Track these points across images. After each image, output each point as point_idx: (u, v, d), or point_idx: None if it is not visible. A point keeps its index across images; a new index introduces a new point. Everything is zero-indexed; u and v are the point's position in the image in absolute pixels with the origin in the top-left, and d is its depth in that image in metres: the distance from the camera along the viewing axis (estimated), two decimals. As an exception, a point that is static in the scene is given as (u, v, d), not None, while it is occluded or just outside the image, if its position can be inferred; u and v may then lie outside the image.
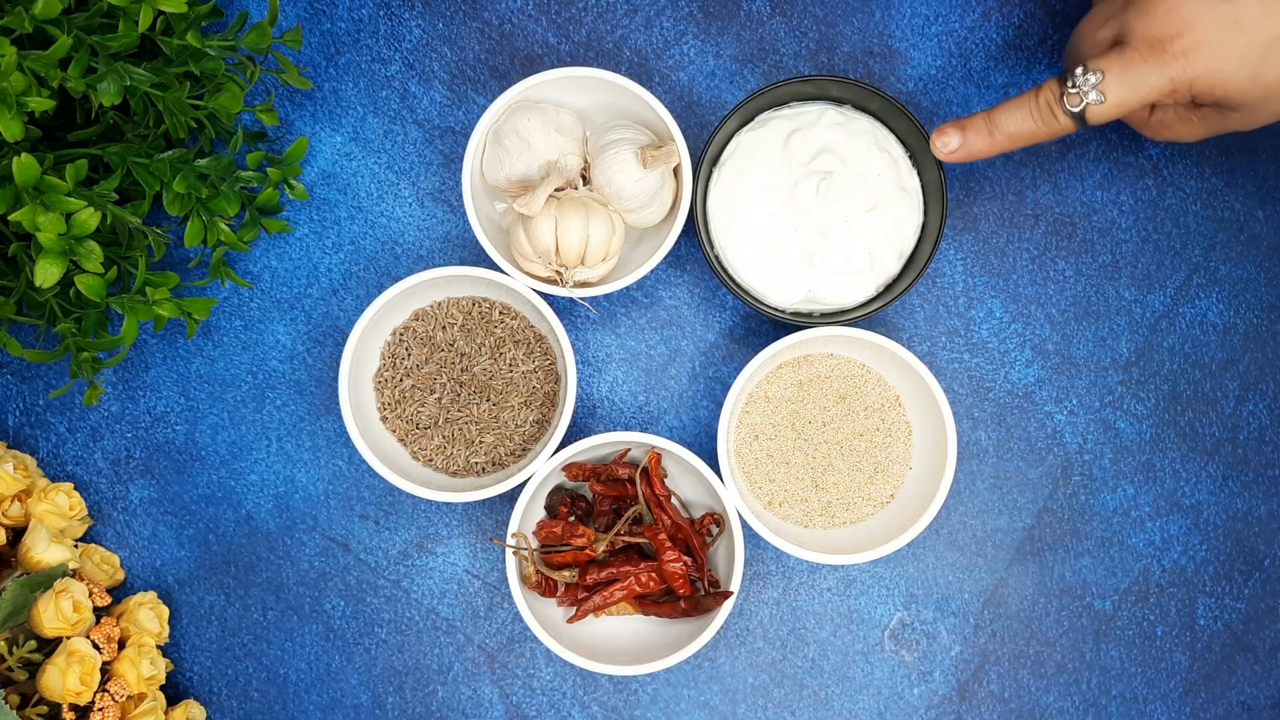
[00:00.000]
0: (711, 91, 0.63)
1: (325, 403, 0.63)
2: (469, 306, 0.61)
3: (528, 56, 0.63)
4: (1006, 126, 0.53)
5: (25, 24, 0.47)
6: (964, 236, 0.63)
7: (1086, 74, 0.51)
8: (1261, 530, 0.63)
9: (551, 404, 0.61)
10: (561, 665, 0.63)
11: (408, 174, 0.63)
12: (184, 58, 0.53)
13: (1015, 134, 0.54)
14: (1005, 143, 0.54)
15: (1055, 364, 0.63)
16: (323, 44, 0.63)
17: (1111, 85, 0.51)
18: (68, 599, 0.55)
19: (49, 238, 0.49)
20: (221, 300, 0.63)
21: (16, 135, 0.47)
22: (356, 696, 0.63)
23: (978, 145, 0.54)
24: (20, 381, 0.63)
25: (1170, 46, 0.49)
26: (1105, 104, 0.51)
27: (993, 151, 0.54)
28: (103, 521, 0.63)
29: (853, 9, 0.63)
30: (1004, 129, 0.54)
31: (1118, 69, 0.50)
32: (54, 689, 0.53)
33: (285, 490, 0.63)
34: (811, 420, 0.60)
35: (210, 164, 0.56)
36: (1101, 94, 0.51)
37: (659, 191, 0.58)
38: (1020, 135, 0.54)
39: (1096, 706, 0.63)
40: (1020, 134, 0.54)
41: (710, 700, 0.63)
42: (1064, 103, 0.52)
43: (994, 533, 0.63)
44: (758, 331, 0.63)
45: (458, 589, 0.63)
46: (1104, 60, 0.51)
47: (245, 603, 0.63)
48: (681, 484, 0.61)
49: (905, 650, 0.63)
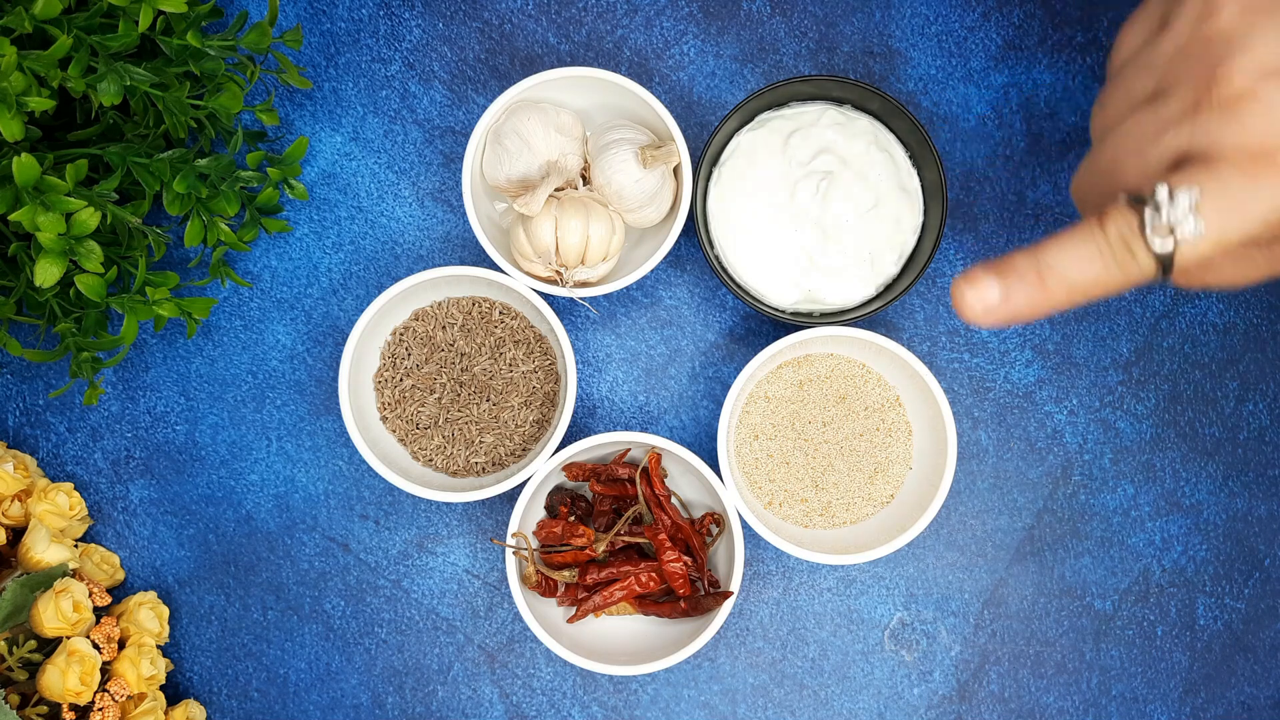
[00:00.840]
0: (711, 91, 0.63)
1: (325, 403, 0.63)
2: (469, 306, 0.61)
3: (528, 56, 0.63)
4: (1065, 270, 0.38)
5: (25, 24, 0.47)
6: (964, 236, 0.63)
7: (1176, 194, 0.36)
8: (1261, 530, 0.63)
9: (551, 404, 0.61)
10: (561, 665, 0.63)
11: (408, 174, 0.63)
12: (184, 58, 0.53)
13: (1077, 281, 0.38)
14: (1062, 295, 0.38)
15: (1055, 364, 0.63)
16: (323, 44, 0.63)
17: (1212, 210, 0.36)
18: (68, 599, 0.55)
19: (49, 238, 0.49)
20: (221, 300, 0.63)
21: (16, 135, 0.47)
22: (356, 696, 0.63)
23: (1024, 299, 0.38)
24: (20, 381, 0.63)
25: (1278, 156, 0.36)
26: (1205, 238, 0.36)
27: (1047, 309, 0.39)
28: (103, 521, 0.63)
29: (853, 9, 0.63)
30: (1062, 274, 0.38)
31: (1214, 189, 0.36)
32: (54, 689, 0.53)
33: (285, 490, 0.63)
34: (811, 420, 0.60)
35: (210, 164, 0.56)
36: (1199, 222, 0.36)
37: (659, 191, 0.58)
38: (1083, 284, 0.38)
39: (1096, 706, 0.63)
40: (1083, 282, 0.38)
41: (710, 700, 0.63)
42: (1146, 235, 0.36)
43: (994, 533, 0.63)
44: (758, 331, 0.63)
45: (458, 589, 0.63)
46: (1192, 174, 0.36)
47: (245, 603, 0.63)
48: (681, 484, 0.61)
49: (905, 650, 0.63)
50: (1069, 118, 0.63)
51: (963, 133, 0.63)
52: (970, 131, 0.63)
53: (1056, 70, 0.63)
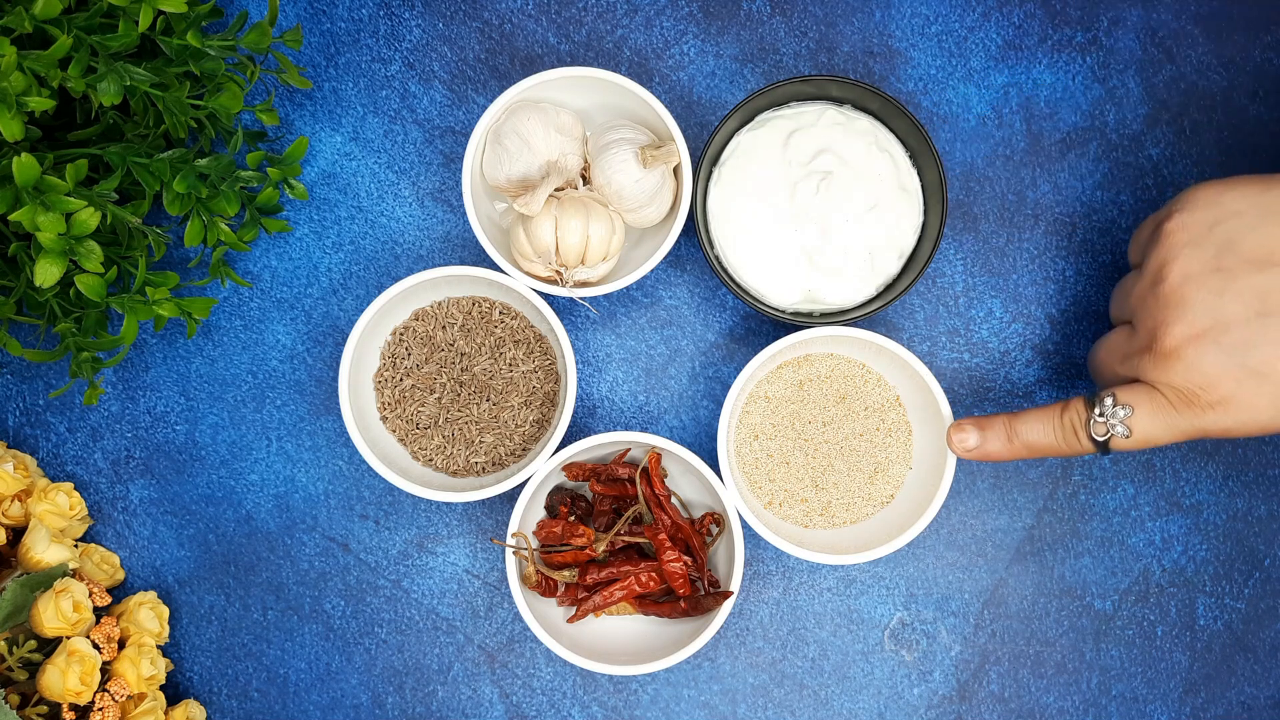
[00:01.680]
0: (711, 91, 0.63)
1: (325, 403, 0.63)
2: (469, 306, 0.61)
3: (528, 56, 0.63)
4: (1026, 436, 0.53)
5: (25, 24, 0.47)
6: (964, 236, 0.63)
7: (1116, 407, 0.50)
8: (1261, 530, 0.63)
9: (551, 404, 0.61)
10: (561, 665, 0.63)
11: (408, 174, 0.63)
12: (184, 58, 0.53)
13: (1034, 445, 0.53)
14: (1023, 451, 0.53)
15: (1055, 364, 0.63)
16: (323, 44, 0.63)
17: (1140, 422, 0.50)
18: (68, 599, 0.55)
19: (49, 238, 0.49)
20: (221, 300, 0.63)
21: (16, 135, 0.47)
22: (356, 696, 0.63)
23: (994, 448, 0.54)
24: (20, 381, 0.63)
25: (1198, 399, 0.49)
26: (1131, 438, 0.51)
27: (1009, 458, 0.54)
28: (103, 521, 0.63)
29: (853, 9, 0.63)
30: (1023, 438, 0.53)
31: (1147, 408, 0.50)
32: (54, 689, 0.53)
33: (285, 490, 0.63)
34: (811, 420, 0.60)
35: (210, 164, 0.56)
36: (1128, 428, 0.50)
37: (659, 191, 0.58)
38: (1039, 447, 0.53)
39: (1096, 706, 0.63)
40: (1039, 446, 0.53)
41: (710, 700, 0.63)
42: (1089, 428, 0.51)
43: (994, 533, 0.63)
44: (758, 331, 0.63)
45: (458, 589, 0.63)
46: (1133, 395, 0.50)
47: (245, 603, 0.63)
48: (681, 484, 0.61)
49: (905, 650, 0.63)
50: (1069, 118, 0.63)
51: (963, 133, 0.63)
52: (970, 131, 0.63)
53: (1056, 70, 0.63)
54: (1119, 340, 0.53)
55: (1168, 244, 0.50)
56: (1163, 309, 0.49)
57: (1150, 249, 0.51)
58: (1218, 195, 0.50)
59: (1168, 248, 0.50)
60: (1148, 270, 0.51)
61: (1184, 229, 0.50)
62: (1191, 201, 0.50)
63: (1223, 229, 0.49)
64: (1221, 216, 0.49)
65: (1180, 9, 0.63)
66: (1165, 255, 0.50)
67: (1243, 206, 0.49)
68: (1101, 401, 0.51)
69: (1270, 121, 0.63)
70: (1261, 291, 0.48)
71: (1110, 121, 0.63)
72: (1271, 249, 0.48)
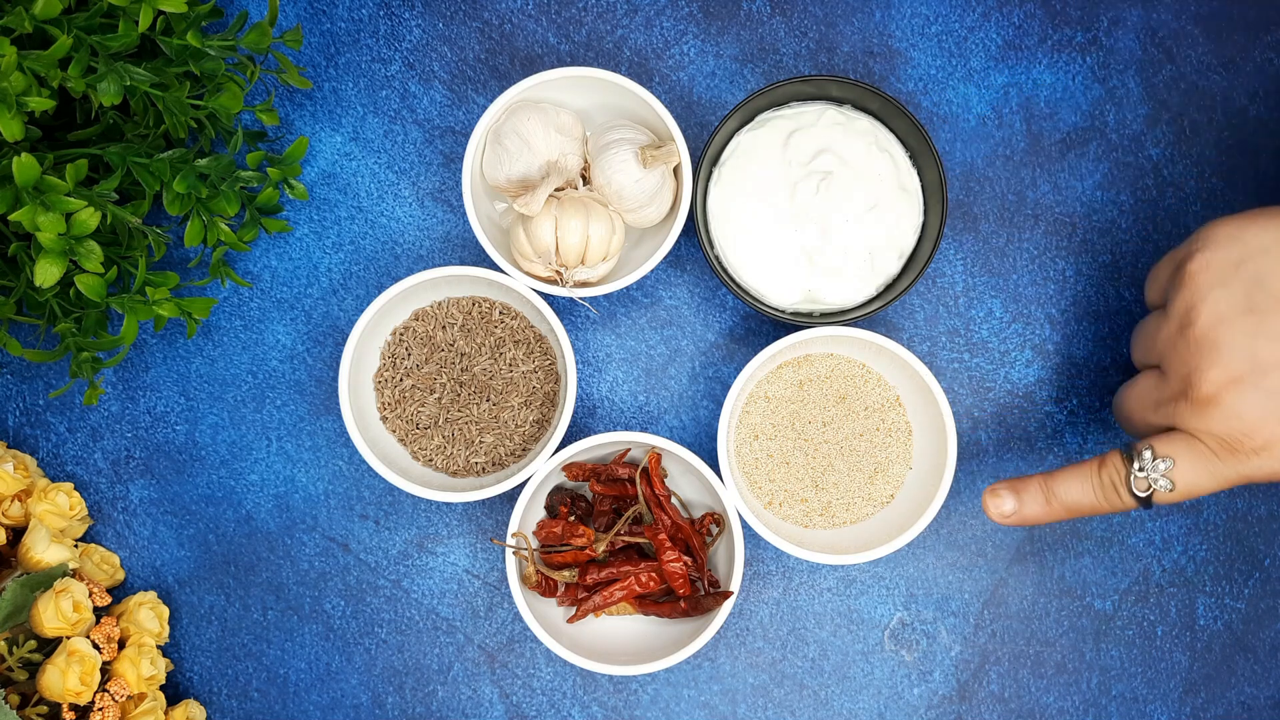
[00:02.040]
0: (711, 91, 0.63)
1: (325, 403, 0.63)
2: (469, 306, 0.61)
3: (528, 56, 0.63)
4: (1065, 497, 0.51)
5: (25, 24, 0.47)
6: (964, 236, 0.63)
7: (1156, 460, 0.48)
8: (1261, 530, 0.63)
9: (551, 404, 0.61)
10: (561, 665, 0.63)
11: (408, 174, 0.63)
12: (184, 58, 0.53)
13: (1073, 506, 0.51)
14: (1062, 513, 0.52)
15: (1055, 364, 0.63)
16: (323, 44, 0.63)
17: (1182, 474, 0.48)
18: (68, 599, 0.55)
19: (49, 238, 0.49)
20: (221, 300, 0.63)
21: (16, 135, 0.47)
22: (356, 696, 0.63)
23: (1033, 512, 0.52)
24: (20, 381, 0.63)
25: (1242, 445, 0.47)
26: (1174, 491, 0.49)
27: (1049, 520, 0.52)
28: (103, 521, 0.63)
29: (853, 9, 0.63)
30: (1062, 499, 0.51)
31: (1189, 459, 0.48)
32: (54, 689, 0.53)
33: (285, 490, 0.63)
34: (811, 420, 0.60)
35: (210, 164, 0.56)
36: (1171, 481, 0.48)
37: (659, 191, 0.58)
38: (1079, 507, 0.51)
39: (1096, 706, 0.63)
40: (1079, 506, 0.51)
41: (710, 700, 0.63)
42: (1130, 484, 0.49)
43: (994, 533, 0.63)
44: (758, 331, 0.63)
45: (458, 589, 0.63)
46: (1172, 446, 0.48)
47: (245, 603, 0.63)
48: (681, 484, 0.61)
49: (905, 650, 0.63)
50: (1069, 118, 0.63)
51: (963, 133, 0.63)
52: (970, 131, 0.63)
53: (1056, 70, 0.63)
54: (1148, 387, 0.51)
55: (1193, 285, 0.48)
56: (1195, 354, 0.47)
57: (1174, 292, 0.49)
58: (1239, 231, 0.48)
59: (1194, 289, 0.48)
60: (1174, 313, 0.49)
61: (1208, 269, 0.48)
62: (1212, 240, 0.48)
63: (1250, 267, 0.47)
64: (1247, 254, 0.47)
65: (1180, 9, 0.63)
66: (1192, 298, 0.48)
67: (1268, 241, 0.47)
68: (1140, 455, 0.49)
69: (1270, 121, 0.63)
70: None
71: (1110, 121, 0.63)
72: None
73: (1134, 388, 0.53)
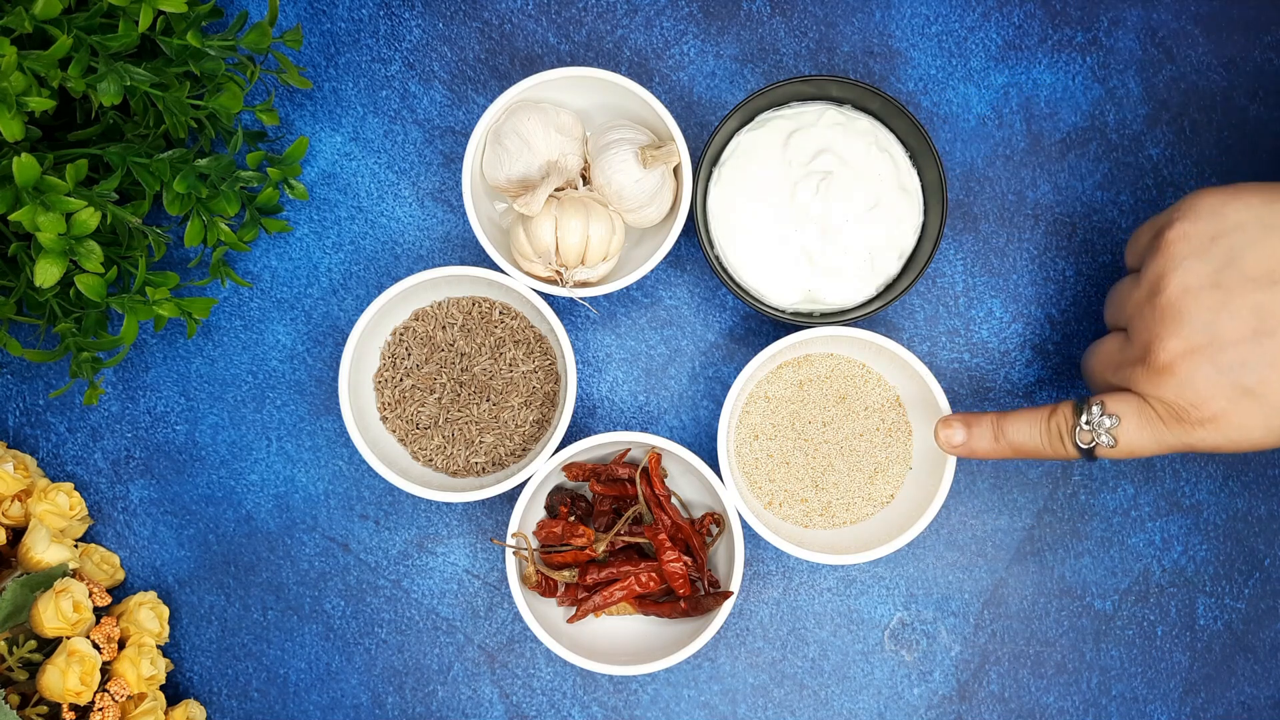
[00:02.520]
0: (711, 91, 0.63)
1: (325, 403, 0.63)
2: (469, 306, 0.61)
3: (528, 56, 0.63)
4: (1013, 436, 0.53)
5: (25, 24, 0.47)
6: (964, 236, 0.63)
7: (1103, 416, 0.50)
8: (1261, 530, 0.63)
9: (551, 404, 0.61)
10: (561, 665, 0.63)
11: (408, 174, 0.63)
12: (184, 58, 0.53)
13: (1019, 446, 0.53)
14: (1008, 451, 0.54)
15: (1055, 364, 0.63)
16: (323, 44, 0.63)
17: (1126, 432, 0.50)
18: (68, 599, 0.55)
19: (49, 238, 0.49)
20: (221, 300, 0.63)
21: (16, 135, 0.47)
22: (356, 696, 0.63)
23: (980, 446, 0.54)
24: (20, 381, 0.63)
25: (1189, 415, 0.48)
26: (1115, 448, 0.50)
27: (995, 456, 0.54)
28: (103, 521, 0.63)
29: (853, 9, 0.63)
30: (1009, 438, 0.53)
31: (1135, 419, 0.50)
32: (54, 689, 0.53)
33: (285, 490, 0.63)
34: (811, 420, 0.60)
35: (210, 164, 0.56)
36: (1114, 438, 0.50)
37: (659, 191, 0.58)
38: (1024, 449, 0.53)
39: (1096, 706, 0.63)
40: (1024, 447, 0.53)
41: (710, 700, 0.63)
42: (1075, 435, 0.51)
43: (994, 533, 0.63)
44: (758, 331, 0.63)
45: (458, 589, 0.63)
46: (1121, 404, 0.50)
47: (245, 603, 0.63)
48: (681, 484, 0.61)
49: (905, 650, 0.63)
50: (1069, 118, 0.63)
51: (963, 133, 0.63)
52: (970, 131, 0.63)
53: (1056, 70, 0.63)
54: (1112, 348, 0.53)
55: (1168, 254, 0.49)
56: (1159, 321, 0.49)
57: (1149, 257, 0.50)
58: (1221, 205, 0.49)
59: (1167, 258, 0.49)
60: (1146, 279, 0.50)
61: (1185, 239, 0.49)
62: (1194, 210, 0.49)
63: (1224, 243, 0.48)
64: (1224, 229, 0.48)
65: (1180, 9, 0.63)
66: (1164, 265, 0.49)
67: (1246, 219, 0.48)
68: (1089, 409, 0.51)
69: (1270, 121, 0.63)
70: (1260, 310, 0.47)
71: (1110, 121, 0.63)
72: (1272, 266, 0.47)
73: (1101, 347, 0.54)
